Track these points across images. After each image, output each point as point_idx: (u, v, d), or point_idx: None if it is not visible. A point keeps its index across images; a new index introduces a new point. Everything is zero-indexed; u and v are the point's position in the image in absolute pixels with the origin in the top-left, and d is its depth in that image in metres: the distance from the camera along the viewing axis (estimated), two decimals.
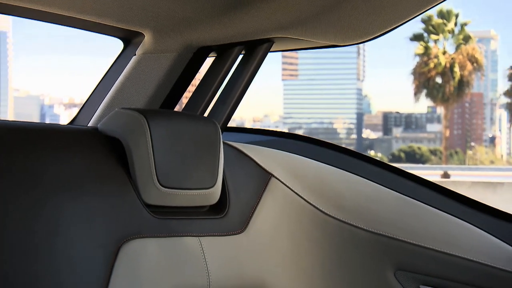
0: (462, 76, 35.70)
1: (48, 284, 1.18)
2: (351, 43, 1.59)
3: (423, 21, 35.72)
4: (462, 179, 17.06)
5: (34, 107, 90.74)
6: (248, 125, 72.67)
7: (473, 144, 68.11)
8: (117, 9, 1.44)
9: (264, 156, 1.55)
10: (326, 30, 1.50)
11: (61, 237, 1.21)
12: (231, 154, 1.50)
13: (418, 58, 36.57)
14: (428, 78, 35.92)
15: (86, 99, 1.67)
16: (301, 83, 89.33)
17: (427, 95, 36.64)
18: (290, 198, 1.53)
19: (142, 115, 1.31)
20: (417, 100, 37.15)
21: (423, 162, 53.33)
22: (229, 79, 1.60)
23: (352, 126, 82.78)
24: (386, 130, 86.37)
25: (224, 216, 1.40)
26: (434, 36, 36.05)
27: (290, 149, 1.68)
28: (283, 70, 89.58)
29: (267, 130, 1.85)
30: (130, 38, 1.61)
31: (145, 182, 1.29)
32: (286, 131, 1.86)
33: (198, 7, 1.43)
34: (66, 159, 1.26)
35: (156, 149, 1.30)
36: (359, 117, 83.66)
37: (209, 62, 1.63)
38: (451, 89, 35.69)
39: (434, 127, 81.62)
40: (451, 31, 36.20)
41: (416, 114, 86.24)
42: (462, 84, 35.86)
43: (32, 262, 1.18)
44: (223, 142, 1.44)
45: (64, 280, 1.19)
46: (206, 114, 1.59)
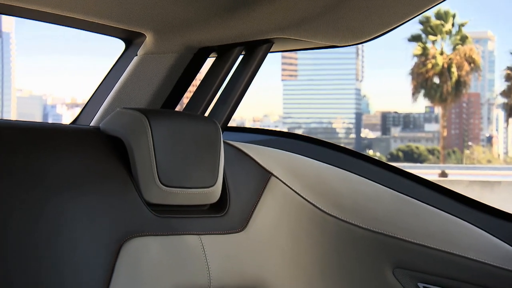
0: (459, 76, 35.68)
1: (49, 283, 1.18)
2: (350, 44, 1.59)
3: (421, 22, 35.72)
4: (459, 178, 17.06)
5: (36, 107, 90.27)
6: (248, 124, 72.49)
7: (470, 143, 68.01)
8: (118, 10, 1.44)
9: (264, 155, 1.56)
10: (326, 31, 1.51)
11: (62, 236, 1.21)
12: (232, 153, 1.50)
13: (416, 59, 36.58)
14: (426, 79, 35.89)
15: (88, 99, 1.67)
16: (300, 84, 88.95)
17: (425, 95, 36.63)
18: (289, 197, 1.53)
19: (144, 115, 1.31)
20: (415, 100, 37.16)
21: (421, 162, 53.25)
22: (229, 79, 1.60)
23: (351, 126, 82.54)
24: (385, 130, 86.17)
25: (224, 214, 1.40)
26: (432, 37, 36.03)
27: (289, 148, 1.68)
28: (283, 70, 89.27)
29: (267, 130, 1.85)
30: (131, 39, 1.62)
31: (146, 181, 1.30)
32: (286, 131, 1.86)
33: (199, 8, 1.43)
34: (68, 159, 1.27)
35: (157, 148, 1.30)
36: (358, 117, 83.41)
37: (209, 62, 1.63)
38: (449, 89, 35.67)
39: (432, 127, 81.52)
40: (449, 32, 36.18)
41: (414, 114, 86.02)
42: (460, 84, 35.84)
43: (33, 261, 1.18)
44: (224, 142, 1.45)
45: (65, 279, 1.19)
46: (206, 114, 1.59)
